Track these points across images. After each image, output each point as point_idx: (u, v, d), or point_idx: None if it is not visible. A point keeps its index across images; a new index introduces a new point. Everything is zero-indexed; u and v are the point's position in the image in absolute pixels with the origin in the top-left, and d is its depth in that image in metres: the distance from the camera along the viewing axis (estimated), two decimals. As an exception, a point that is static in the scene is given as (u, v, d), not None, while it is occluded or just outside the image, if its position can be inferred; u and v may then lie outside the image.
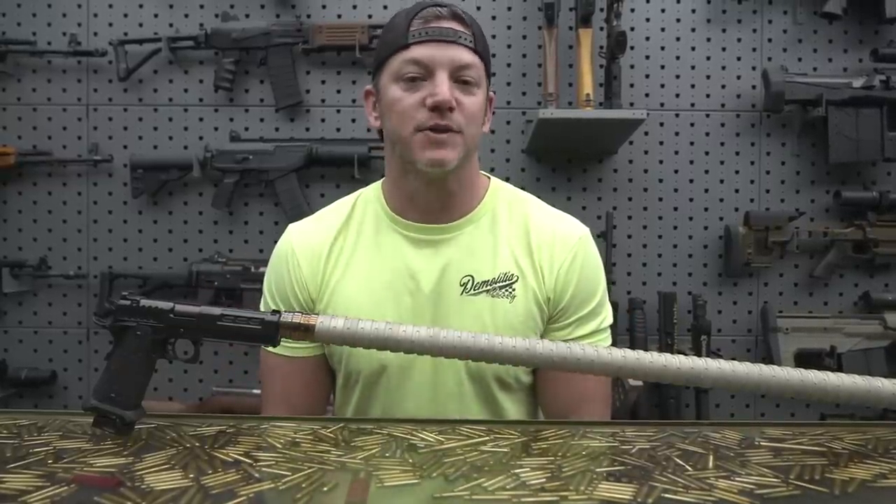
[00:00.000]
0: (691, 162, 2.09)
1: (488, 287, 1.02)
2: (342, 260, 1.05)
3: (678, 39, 2.08)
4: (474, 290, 1.01)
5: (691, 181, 2.09)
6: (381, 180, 1.10)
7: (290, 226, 1.11)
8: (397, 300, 1.02)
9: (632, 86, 2.06)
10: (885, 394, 0.77)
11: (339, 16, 2.08)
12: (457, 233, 1.04)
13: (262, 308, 1.09)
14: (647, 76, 2.08)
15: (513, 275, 1.02)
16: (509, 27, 2.08)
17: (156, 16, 2.07)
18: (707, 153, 2.09)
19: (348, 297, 1.03)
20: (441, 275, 1.02)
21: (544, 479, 0.66)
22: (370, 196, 1.10)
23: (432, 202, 1.03)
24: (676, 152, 2.09)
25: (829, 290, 2.09)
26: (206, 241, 2.09)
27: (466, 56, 0.97)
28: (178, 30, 2.05)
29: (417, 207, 1.04)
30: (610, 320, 1.09)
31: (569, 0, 1.95)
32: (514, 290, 1.02)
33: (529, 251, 1.04)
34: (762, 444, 0.79)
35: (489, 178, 1.11)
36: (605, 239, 1.94)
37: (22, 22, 2.07)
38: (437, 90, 0.94)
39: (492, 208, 1.07)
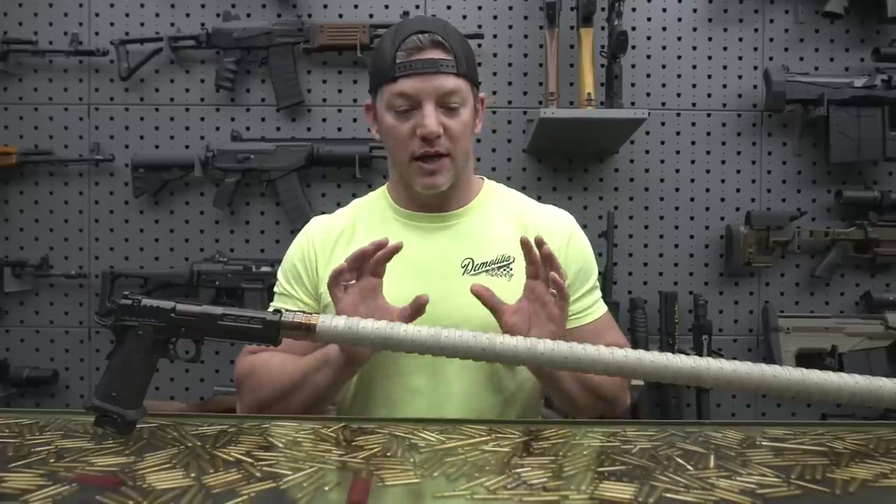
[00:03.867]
0: (692, 161, 2.09)
1: (487, 268, 1.10)
2: (352, 244, 1.13)
3: (679, 39, 2.08)
4: (474, 270, 1.09)
5: (692, 181, 2.09)
6: (389, 180, 1.21)
7: (313, 217, 1.22)
8: (401, 281, 1.07)
9: (633, 85, 2.06)
10: (886, 394, 0.77)
11: (341, 15, 2.08)
12: (454, 221, 1.14)
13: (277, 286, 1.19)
14: (649, 75, 2.08)
15: (509, 256, 1.10)
16: (510, 26, 2.08)
17: (157, 15, 2.08)
18: (708, 153, 2.09)
19: None
20: (441, 258, 1.11)
21: (545, 479, 0.66)
22: (378, 194, 1.21)
23: (430, 199, 1.13)
24: (678, 152, 2.09)
25: (831, 290, 2.08)
26: (208, 241, 2.09)
27: (450, 82, 1.03)
28: (180, 29, 2.05)
29: (418, 203, 1.14)
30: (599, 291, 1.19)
31: (570, -1, 1.95)
32: (511, 269, 1.09)
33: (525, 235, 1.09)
34: (763, 443, 0.79)
35: (483, 179, 1.21)
36: (606, 238, 1.94)
37: (23, 21, 2.07)
38: (424, 122, 1.03)
39: (486, 201, 1.17)
